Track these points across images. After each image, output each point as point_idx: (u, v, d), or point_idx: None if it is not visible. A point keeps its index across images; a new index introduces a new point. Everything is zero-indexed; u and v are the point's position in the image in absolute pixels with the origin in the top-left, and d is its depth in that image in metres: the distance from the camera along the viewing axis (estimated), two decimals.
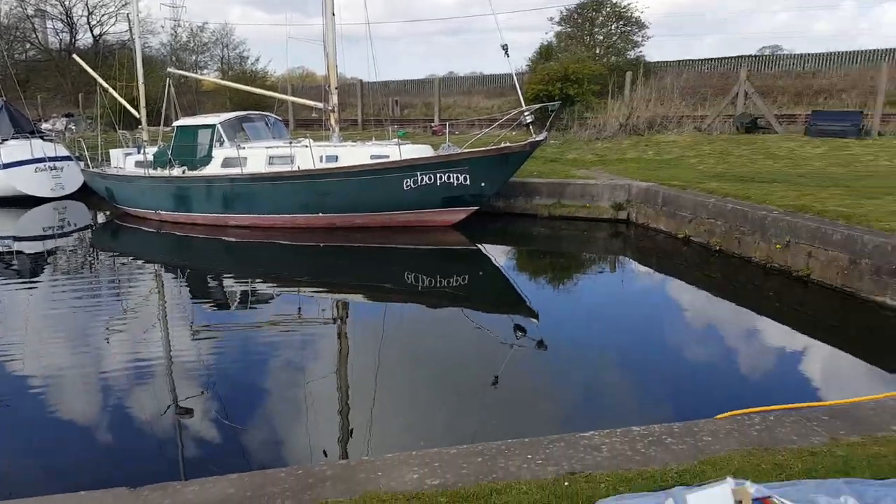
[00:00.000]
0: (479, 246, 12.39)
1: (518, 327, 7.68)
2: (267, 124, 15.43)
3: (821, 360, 6.70)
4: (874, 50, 26.68)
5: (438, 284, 9.94)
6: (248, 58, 40.12)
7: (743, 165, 14.34)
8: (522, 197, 13.73)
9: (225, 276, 11.20)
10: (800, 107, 21.62)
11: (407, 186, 12.35)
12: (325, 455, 4.57)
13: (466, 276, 10.37)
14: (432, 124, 24.59)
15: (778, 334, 7.40)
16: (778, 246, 8.97)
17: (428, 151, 13.08)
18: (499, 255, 12.09)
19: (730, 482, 2.36)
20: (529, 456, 3.33)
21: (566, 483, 3.03)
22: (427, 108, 28.89)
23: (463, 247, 12.33)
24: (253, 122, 15.19)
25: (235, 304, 9.36)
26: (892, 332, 7.07)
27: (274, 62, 48.53)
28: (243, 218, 13.85)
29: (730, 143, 16.90)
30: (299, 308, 8.95)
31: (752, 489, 2.45)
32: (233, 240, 13.43)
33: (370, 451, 4.05)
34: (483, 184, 12.20)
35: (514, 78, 14.14)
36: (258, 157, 13.48)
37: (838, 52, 27.61)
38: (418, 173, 12.28)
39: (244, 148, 13.51)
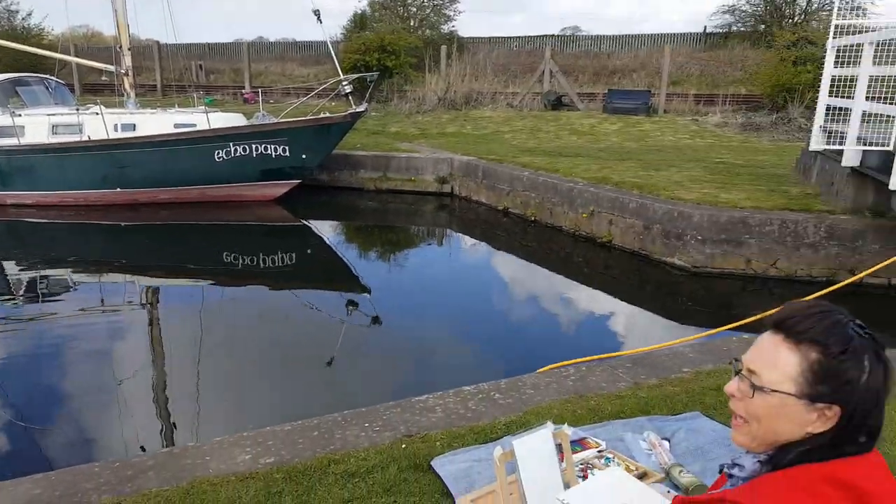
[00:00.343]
0: (305, 221, 12.14)
1: (351, 303, 7.69)
2: (47, 88, 13.68)
3: (624, 315, 7.55)
4: (659, 34, 30.00)
5: (263, 264, 9.60)
6: (17, 12, 34.94)
7: (551, 140, 15.48)
8: (347, 170, 13.64)
9: (6, 263, 9.84)
10: (598, 85, 23.73)
11: (219, 158, 11.69)
12: (144, 450, 4.26)
13: (293, 254, 10.13)
14: (243, 91, 23.42)
15: (587, 295, 8.20)
16: (584, 215, 9.86)
17: (240, 120, 12.47)
18: (326, 230, 11.95)
19: (550, 426, 2.61)
20: (367, 424, 3.40)
21: (403, 445, 3.14)
22: (236, 74, 27.40)
23: (287, 222, 12.00)
24: (29, 86, 13.39)
25: (22, 295, 8.29)
26: (680, 289, 8.17)
27: (51, 18, 42.74)
28: (25, 196, 12.22)
29: (539, 119, 18.14)
30: (102, 297, 8.17)
31: (570, 431, 2.74)
32: (13, 220, 11.81)
33: (197, 439, 3.86)
34: (304, 156, 11.91)
35: (330, 46, 13.89)
36: (39, 125, 11.94)
37: (629, 35, 30.64)
38: (231, 144, 11.67)
39: (20, 115, 11.87)
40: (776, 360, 1.18)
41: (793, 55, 17.12)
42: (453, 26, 30.93)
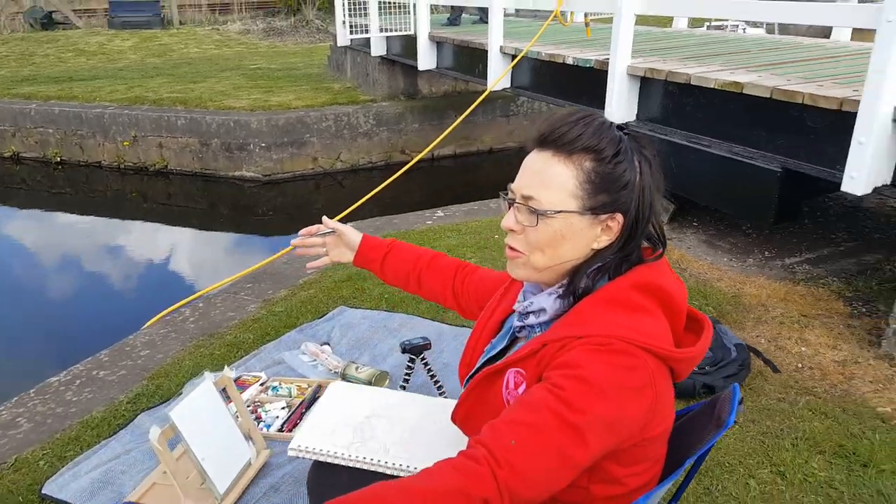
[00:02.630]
0: None
1: None
2: None
3: (209, 242, 6.95)
4: None
5: None
6: None
7: (53, 65, 12.93)
8: None
9: None
10: (95, 0, 20.69)
11: None
12: None
13: None
14: None
15: (161, 233, 7.26)
16: (126, 143, 8.60)
17: None
18: None
19: (209, 376, 2.10)
20: None
21: None
22: None
23: None
24: None
25: None
26: (257, 200, 7.89)
27: None
28: None
29: (29, 42, 14.97)
30: None
31: (232, 373, 2.26)
32: None
33: None
34: None
35: None
36: None
37: None
38: None
39: None
40: (551, 179, 1.05)
41: None
42: None
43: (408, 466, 1.28)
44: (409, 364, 2.39)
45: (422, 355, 2.37)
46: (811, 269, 3.66)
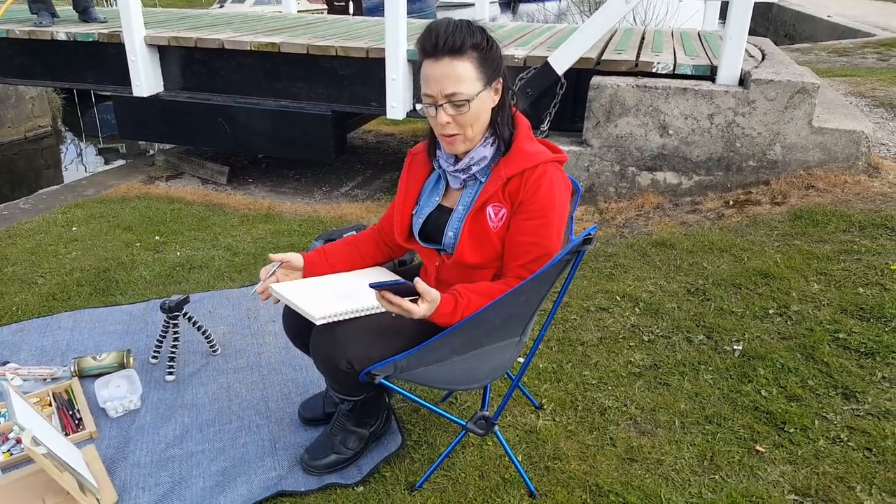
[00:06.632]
0: None
1: None
2: None
3: None
4: None
5: None
6: None
7: None
8: None
9: None
10: None
11: None
12: None
13: None
14: None
15: None
16: None
17: None
18: None
19: (6, 385, 1.88)
20: None
21: None
22: None
23: None
24: None
25: None
26: None
27: None
28: None
29: None
30: None
31: (16, 381, 2.01)
32: None
33: None
34: None
35: None
36: None
37: None
38: None
39: None
40: (459, 76, 1.54)
41: None
42: None
43: None
44: (171, 322, 2.46)
45: (184, 310, 2.49)
46: (360, 192, 4.84)
